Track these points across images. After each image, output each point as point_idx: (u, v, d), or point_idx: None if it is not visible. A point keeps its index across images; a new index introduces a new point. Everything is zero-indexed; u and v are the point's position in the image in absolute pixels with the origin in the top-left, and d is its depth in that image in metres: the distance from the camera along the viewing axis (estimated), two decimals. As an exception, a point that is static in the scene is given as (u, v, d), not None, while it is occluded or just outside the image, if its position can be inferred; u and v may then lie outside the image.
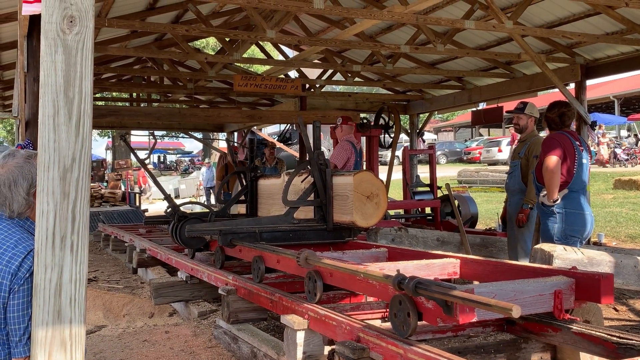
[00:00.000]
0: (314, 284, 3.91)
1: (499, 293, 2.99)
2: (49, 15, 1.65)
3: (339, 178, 5.06)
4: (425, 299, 2.89)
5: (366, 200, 4.89)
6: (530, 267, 3.58)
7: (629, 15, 7.37)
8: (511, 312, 2.41)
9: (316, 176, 5.05)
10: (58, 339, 1.68)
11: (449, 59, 10.40)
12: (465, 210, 10.50)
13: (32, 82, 4.84)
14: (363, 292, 3.73)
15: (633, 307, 5.84)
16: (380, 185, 4.99)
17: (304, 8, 6.29)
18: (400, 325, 3.01)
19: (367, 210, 4.89)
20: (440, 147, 35.48)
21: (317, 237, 5.11)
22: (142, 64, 12.89)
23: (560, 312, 3.15)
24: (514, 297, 3.03)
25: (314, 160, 5.05)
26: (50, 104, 1.65)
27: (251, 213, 6.65)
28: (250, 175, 6.65)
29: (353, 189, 4.86)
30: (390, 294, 3.14)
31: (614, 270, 3.67)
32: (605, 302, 3.19)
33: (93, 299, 6.07)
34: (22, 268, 1.88)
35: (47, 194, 1.66)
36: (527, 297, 3.08)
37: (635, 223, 11.40)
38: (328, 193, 5.06)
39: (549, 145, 4.87)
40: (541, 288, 3.14)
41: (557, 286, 3.17)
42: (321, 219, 5.10)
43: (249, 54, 15.76)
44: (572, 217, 4.86)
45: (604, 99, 30.55)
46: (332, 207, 5.07)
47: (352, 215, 4.86)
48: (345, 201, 4.96)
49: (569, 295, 3.20)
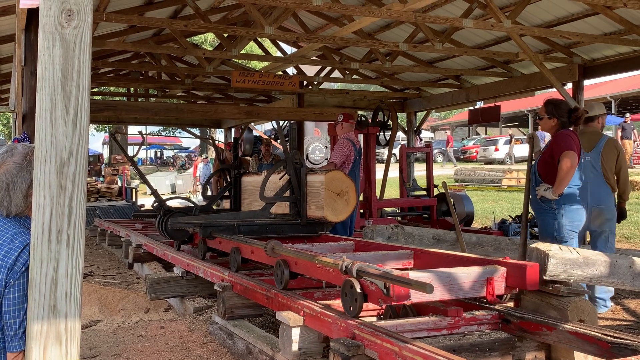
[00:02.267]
0: (281, 272, 4.22)
1: (435, 278, 3.31)
2: (47, 9, 1.64)
3: (312, 176, 5.45)
4: (370, 282, 3.24)
5: (336, 197, 5.31)
6: (472, 257, 3.88)
7: (627, 15, 7.38)
8: (425, 289, 2.84)
9: (291, 174, 5.44)
10: (53, 333, 1.68)
11: (447, 58, 10.40)
12: (461, 209, 10.53)
13: (30, 75, 4.83)
14: (322, 279, 4.00)
15: (627, 307, 5.86)
16: (350, 183, 5.38)
17: (303, 5, 6.28)
18: (349, 306, 3.36)
19: (337, 207, 5.32)
20: (437, 145, 35.48)
21: (292, 231, 5.49)
22: (140, 59, 12.87)
23: (492, 297, 3.48)
24: (449, 282, 3.35)
25: (290, 160, 5.45)
26: (47, 97, 1.65)
27: (234, 208, 7.02)
28: (234, 173, 7.09)
29: (324, 186, 5.25)
30: (343, 279, 3.45)
31: (609, 271, 3.68)
32: (531, 288, 3.48)
33: (89, 293, 6.07)
34: (18, 262, 1.88)
35: (44, 188, 1.65)
36: (461, 282, 3.41)
37: (630, 223, 11.43)
38: (302, 190, 5.44)
39: (568, 141, 4.79)
40: (475, 275, 3.47)
41: (490, 274, 3.50)
42: (296, 214, 5.50)
43: (247, 50, 15.73)
44: (571, 212, 4.85)
45: (601, 99, 30.55)
46: (306, 203, 5.45)
47: (323, 211, 5.26)
48: (317, 198, 5.35)
49: (500, 282, 3.51)
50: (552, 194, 4.76)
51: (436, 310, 3.60)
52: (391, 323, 3.40)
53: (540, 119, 5.10)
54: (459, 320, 3.50)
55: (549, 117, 4.98)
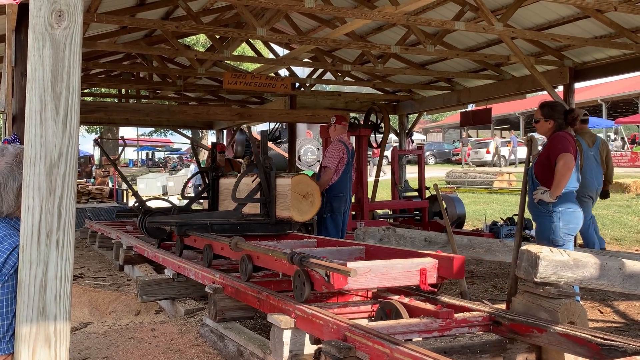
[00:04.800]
0: (245, 265, 4.62)
1: (373, 268, 3.69)
2: (37, 9, 1.63)
3: (280, 179, 5.91)
4: (315, 272, 3.68)
5: (302, 199, 5.75)
6: (411, 251, 4.29)
7: (618, 19, 7.43)
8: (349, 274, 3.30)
9: (262, 177, 5.86)
10: (42, 335, 1.67)
11: (438, 60, 10.43)
12: (453, 211, 10.55)
13: (20, 76, 4.81)
14: (279, 270, 4.36)
15: (617, 309, 5.89)
16: (315, 186, 5.86)
17: (295, 7, 6.28)
18: (298, 293, 3.84)
19: (303, 207, 5.78)
20: (429, 147, 35.58)
21: (262, 230, 5.89)
22: (131, 60, 12.82)
23: (424, 285, 3.84)
24: (385, 272, 3.72)
25: (260, 164, 5.84)
26: (37, 98, 1.64)
27: (212, 208, 7.40)
28: (212, 175, 7.55)
29: (291, 189, 5.68)
30: (294, 269, 3.89)
31: (599, 273, 3.69)
32: (458, 277, 3.91)
33: (79, 295, 6.03)
34: (6, 264, 1.86)
35: (33, 189, 1.64)
36: (397, 272, 3.77)
37: (620, 226, 11.50)
38: (272, 192, 5.86)
39: (565, 143, 4.76)
40: (409, 266, 3.85)
41: (422, 265, 3.87)
42: (265, 214, 5.90)
43: (239, 51, 15.70)
44: (568, 215, 4.83)
45: (591, 102, 30.77)
46: (275, 204, 5.87)
47: (290, 211, 5.70)
48: (285, 199, 5.77)
49: (432, 272, 3.88)
50: (550, 197, 4.75)
51: (428, 312, 3.61)
52: (382, 325, 3.41)
53: (537, 122, 5.04)
54: (450, 322, 3.51)
55: (545, 120, 4.96)
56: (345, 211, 7.07)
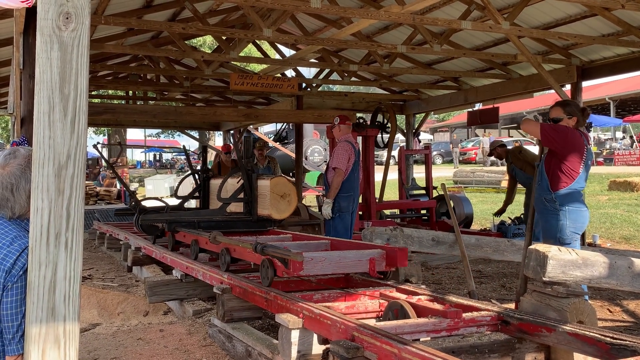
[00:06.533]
0: (224, 258, 5.16)
1: (328, 257, 4.32)
2: (45, 12, 1.64)
3: (261, 181, 6.42)
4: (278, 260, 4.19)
5: (280, 198, 6.25)
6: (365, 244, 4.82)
7: (625, 17, 7.39)
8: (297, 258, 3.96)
9: (245, 179, 6.40)
10: (52, 336, 1.68)
11: (445, 60, 10.41)
12: (460, 211, 10.53)
13: (28, 78, 4.83)
14: (251, 260, 4.89)
15: (627, 308, 5.86)
16: (292, 187, 6.39)
17: (301, 7, 6.28)
18: (264, 278, 4.37)
19: (281, 207, 6.27)
20: (436, 147, 35.50)
21: (244, 227, 6.43)
22: (138, 62, 12.85)
23: (373, 272, 4.41)
24: (339, 261, 4.31)
25: (243, 166, 6.38)
26: (45, 100, 1.65)
27: (203, 207, 8.02)
28: (202, 176, 8.15)
29: (270, 190, 6.19)
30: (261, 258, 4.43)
31: (608, 272, 3.67)
32: (401, 265, 4.46)
33: (87, 296, 6.06)
34: (16, 265, 1.88)
35: (42, 191, 1.65)
36: (349, 261, 4.37)
37: (629, 224, 11.43)
38: (254, 192, 6.39)
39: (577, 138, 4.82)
40: (360, 256, 4.42)
41: (371, 255, 4.43)
42: (248, 213, 6.45)
43: (245, 52, 15.75)
44: (574, 214, 4.80)
45: (599, 100, 30.61)
46: (257, 203, 6.39)
47: (269, 210, 6.22)
48: (264, 199, 6.30)
49: (381, 262, 4.44)
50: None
51: (435, 312, 3.60)
52: (390, 325, 3.40)
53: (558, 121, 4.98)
54: (458, 322, 3.50)
55: (568, 117, 4.90)
56: (353, 211, 7.07)
